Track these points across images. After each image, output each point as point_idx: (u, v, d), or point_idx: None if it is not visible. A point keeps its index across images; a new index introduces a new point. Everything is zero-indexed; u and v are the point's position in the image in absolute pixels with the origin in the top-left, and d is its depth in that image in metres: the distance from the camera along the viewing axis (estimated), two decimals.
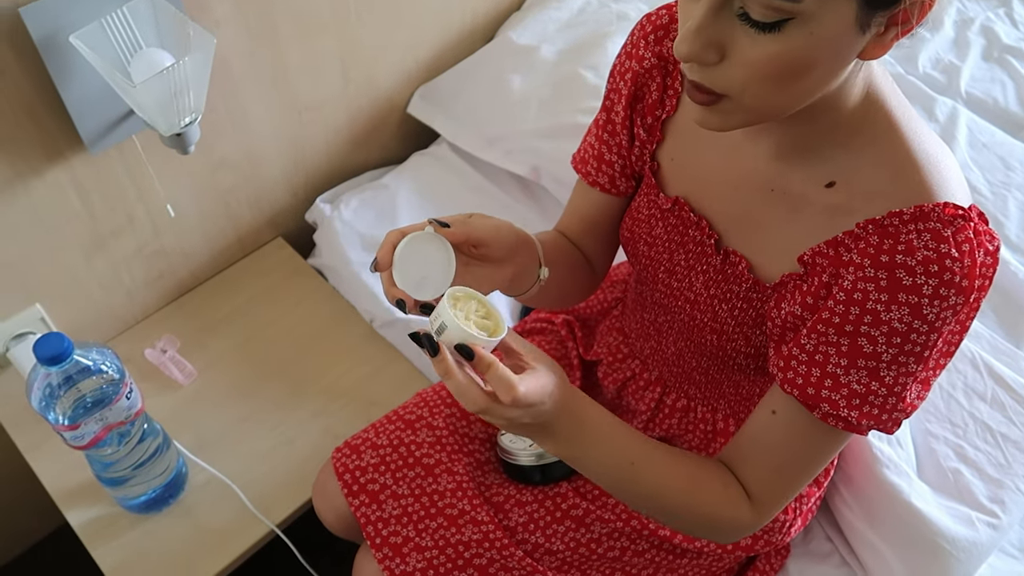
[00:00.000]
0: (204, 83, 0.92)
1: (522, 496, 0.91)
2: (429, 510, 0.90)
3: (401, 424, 0.96)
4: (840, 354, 0.66)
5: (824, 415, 0.68)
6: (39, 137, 0.96)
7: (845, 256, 0.65)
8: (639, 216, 0.83)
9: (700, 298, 0.79)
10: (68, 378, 0.87)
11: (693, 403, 0.92)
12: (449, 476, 0.91)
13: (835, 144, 0.66)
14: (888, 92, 0.65)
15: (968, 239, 0.62)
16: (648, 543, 0.91)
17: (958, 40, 1.54)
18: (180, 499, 1.09)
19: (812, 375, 0.68)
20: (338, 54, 1.22)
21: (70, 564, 1.24)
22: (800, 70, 0.57)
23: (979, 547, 0.94)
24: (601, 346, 1.02)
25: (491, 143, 1.33)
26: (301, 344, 1.25)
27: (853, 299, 0.64)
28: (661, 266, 0.83)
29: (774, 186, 0.71)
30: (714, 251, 0.76)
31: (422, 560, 0.88)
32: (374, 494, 0.92)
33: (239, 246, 1.33)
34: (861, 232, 0.64)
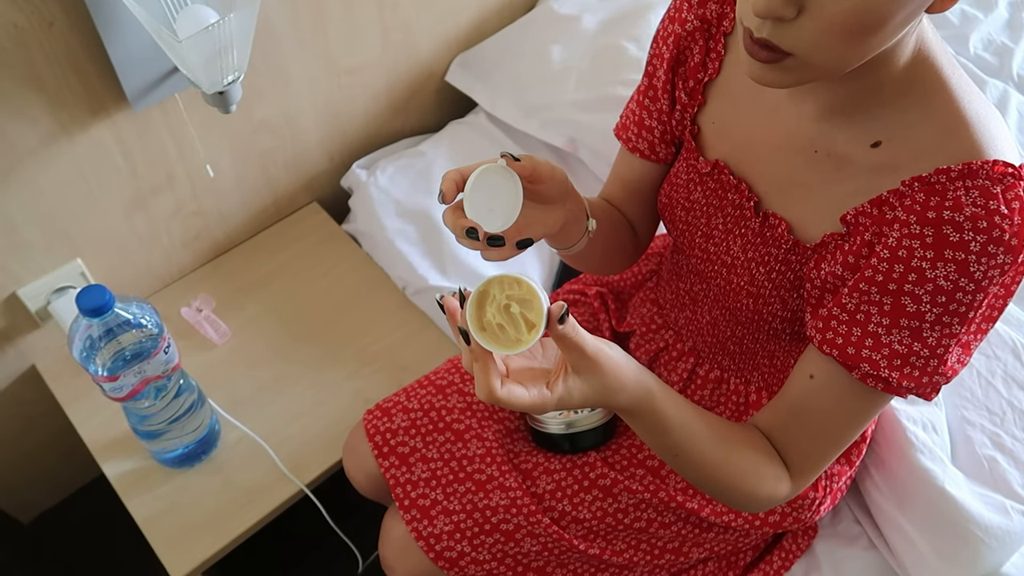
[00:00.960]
0: (248, 41, 0.92)
1: (550, 464, 0.92)
2: (458, 474, 0.91)
3: (432, 389, 0.96)
4: (883, 313, 0.65)
5: (864, 375, 0.67)
6: (84, 92, 0.97)
7: (889, 214, 0.64)
8: (678, 181, 0.83)
9: (737, 262, 0.79)
10: (109, 330, 0.88)
11: (726, 375, 0.92)
12: (479, 442, 0.92)
13: (882, 103, 0.65)
14: (938, 51, 0.64)
15: (1018, 196, 0.61)
16: (675, 515, 0.91)
17: (1012, 21, 1.50)
18: (212, 456, 1.11)
19: (853, 334, 0.67)
20: (379, 19, 1.22)
21: (105, 514, 1.27)
22: (876, 24, 0.55)
23: (1013, 536, 0.93)
24: (635, 317, 1.01)
25: (529, 113, 1.32)
26: (334, 308, 1.26)
27: (898, 256, 0.63)
28: (699, 231, 0.82)
29: (817, 147, 0.70)
30: (753, 214, 0.76)
31: (449, 523, 0.89)
32: (404, 456, 0.93)
33: (275, 209, 1.33)
34: (907, 190, 0.64)
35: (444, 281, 1.20)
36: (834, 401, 0.70)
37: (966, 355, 0.68)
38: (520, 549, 0.89)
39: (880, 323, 0.65)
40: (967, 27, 1.48)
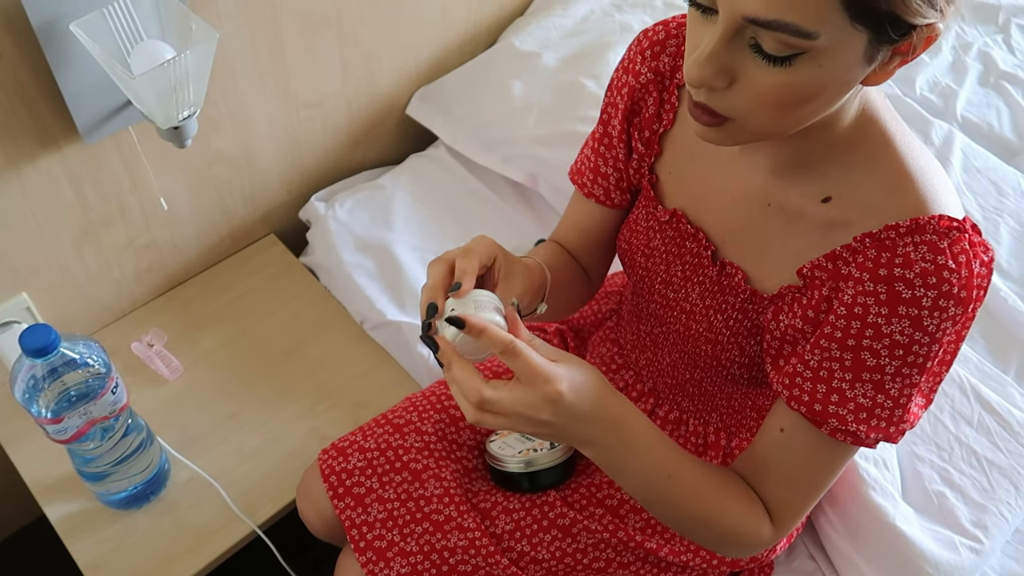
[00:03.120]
0: (205, 77, 0.91)
1: (509, 504, 0.91)
2: (415, 515, 0.90)
3: (389, 428, 0.95)
4: (844, 368, 0.67)
5: (832, 430, 0.68)
6: (34, 125, 0.95)
7: (844, 270, 0.66)
8: (637, 228, 0.84)
9: (696, 308, 0.80)
10: (53, 370, 0.86)
11: (685, 415, 0.93)
12: (436, 481, 0.91)
13: (830, 160, 0.67)
14: (882, 108, 0.66)
15: (964, 250, 0.63)
16: (634, 555, 0.91)
17: (955, 64, 1.56)
18: (161, 496, 1.08)
19: (818, 391, 0.68)
20: (339, 52, 1.22)
21: (46, 557, 1.23)
22: (806, 99, 0.58)
23: (961, 571, 0.94)
24: (594, 356, 1.02)
25: (489, 148, 1.32)
26: (290, 343, 1.24)
27: (854, 313, 0.65)
28: (658, 277, 0.83)
29: (771, 200, 0.72)
30: (711, 262, 0.77)
31: (406, 565, 0.87)
32: (359, 497, 0.91)
33: (231, 241, 1.31)
34: (859, 246, 0.65)
35: (402, 316, 1.19)
36: (805, 453, 0.71)
37: (926, 401, 0.70)
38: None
39: (843, 378, 0.67)
40: (913, 69, 1.54)
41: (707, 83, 0.58)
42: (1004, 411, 1.06)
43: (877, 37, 0.54)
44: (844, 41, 0.54)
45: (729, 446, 0.92)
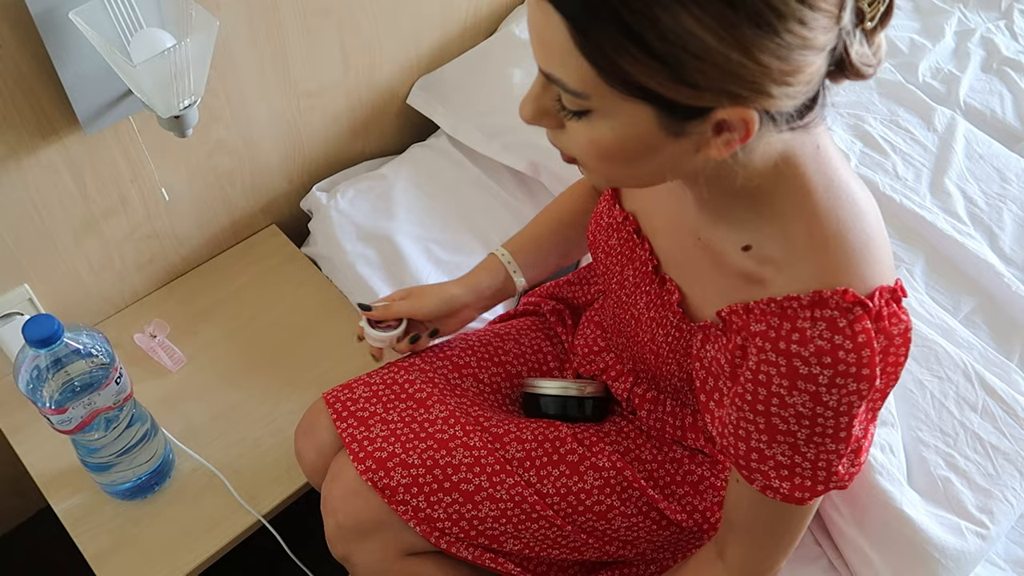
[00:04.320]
0: (205, 66, 0.91)
1: (521, 433, 0.91)
2: (419, 434, 0.89)
3: (394, 368, 0.97)
4: (759, 430, 0.67)
5: (763, 488, 0.69)
6: (33, 115, 0.94)
7: (753, 326, 0.65)
8: (600, 222, 0.84)
9: (643, 317, 0.81)
10: (57, 361, 0.86)
11: (663, 396, 0.93)
12: (442, 406, 0.91)
13: (748, 209, 0.65)
14: (809, 161, 0.62)
15: (865, 329, 0.61)
16: (636, 506, 0.91)
17: (958, 50, 1.55)
18: (166, 486, 1.08)
19: (740, 448, 0.69)
20: (339, 42, 1.21)
21: (52, 548, 1.23)
22: (621, 157, 0.58)
23: (967, 556, 0.94)
24: (578, 338, 1.02)
25: (490, 137, 1.32)
26: (292, 334, 1.24)
27: (759, 380, 0.65)
28: (615, 277, 0.84)
29: (700, 235, 0.71)
30: (653, 275, 0.77)
31: (407, 476, 0.86)
32: (363, 419, 0.91)
33: (232, 232, 1.31)
34: (766, 308, 0.64)
35: None
36: (756, 505, 0.73)
37: (860, 456, 0.69)
38: (477, 513, 0.87)
39: (760, 439, 0.67)
40: (916, 56, 1.53)
41: (532, 122, 0.61)
42: (1008, 398, 1.05)
43: (668, 111, 0.53)
44: (625, 108, 0.54)
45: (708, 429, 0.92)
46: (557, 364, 1.04)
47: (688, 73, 0.51)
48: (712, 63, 0.50)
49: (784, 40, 0.50)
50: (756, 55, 0.50)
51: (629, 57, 0.50)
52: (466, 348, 1.01)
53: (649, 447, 0.93)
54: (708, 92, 0.52)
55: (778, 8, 0.49)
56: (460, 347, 1.01)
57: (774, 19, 0.49)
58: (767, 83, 0.52)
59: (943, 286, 1.22)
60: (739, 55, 0.50)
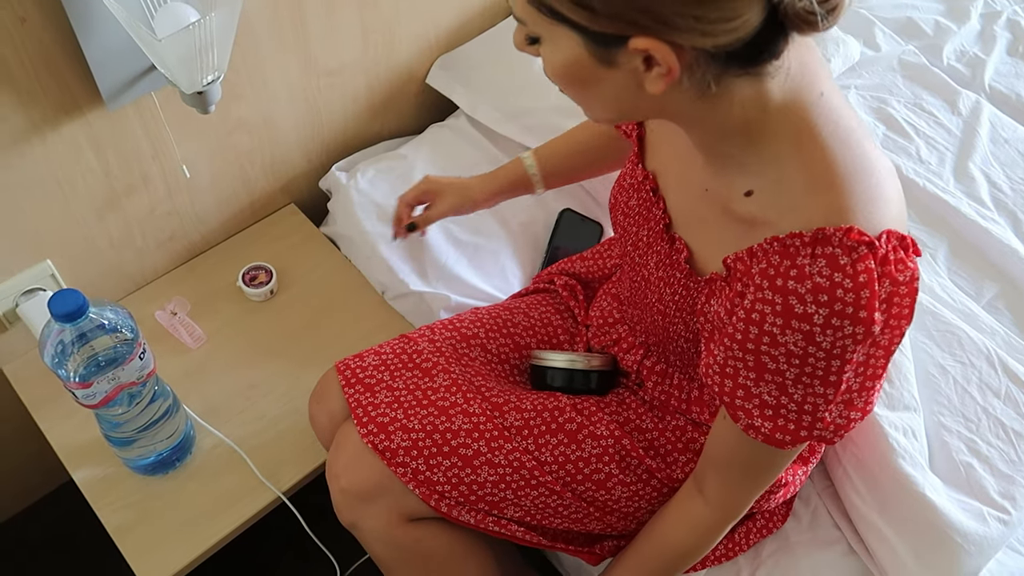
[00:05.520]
0: (229, 41, 0.90)
1: (521, 403, 0.92)
2: (421, 401, 0.91)
3: (404, 340, 0.99)
4: (747, 368, 0.67)
5: (745, 427, 0.70)
6: (57, 90, 0.94)
7: (753, 268, 0.65)
8: (623, 184, 0.86)
9: (653, 277, 0.82)
10: (82, 335, 0.86)
11: (671, 369, 0.93)
12: (445, 375, 0.93)
13: (748, 151, 0.65)
14: (809, 104, 0.63)
15: (868, 269, 0.60)
16: (635, 474, 0.91)
17: (984, 33, 1.53)
18: (187, 462, 1.09)
19: (726, 385, 0.69)
20: (360, 19, 1.20)
21: (74, 522, 1.24)
22: (571, 81, 0.63)
23: (989, 542, 0.94)
24: (594, 310, 1.03)
25: (509, 117, 1.31)
26: (311, 312, 1.24)
27: (752, 319, 0.65)
28: (630, 238, 0.85)
29: (708, 186, 0.72)
30: (664, 233, 0.78)
31: (407, 440, 0.88)
32: (370, 386, 0.94)
33: (251, 211, 1.31)
34: (768, 247, 0.64)
35: (424, 286, 1.19)
36: (737, 444, 0.74)
37: (852, 411, 0.68)
38: (476, 478, 0.88)
39: (747, 376, 0.67)
40: (940, 38, 1.51)
41: (517, 48, 0.66)
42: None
43: (589, 38, 0.58)
44: (557, 33, 0.59)
45: (714, 403, 0.92)
46: (567, 337, 1.05)
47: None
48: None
49: None
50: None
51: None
52: (475, 320, 1.03)
53: (650, 417, 0.94)
54: (608, 18, 0.56)
55: None
56: (470, 319, 1.03)
57: None
58: (666, 15, 0.54)
59: (966, 271, 1.21)
60: None
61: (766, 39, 0.57)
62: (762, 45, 0.57)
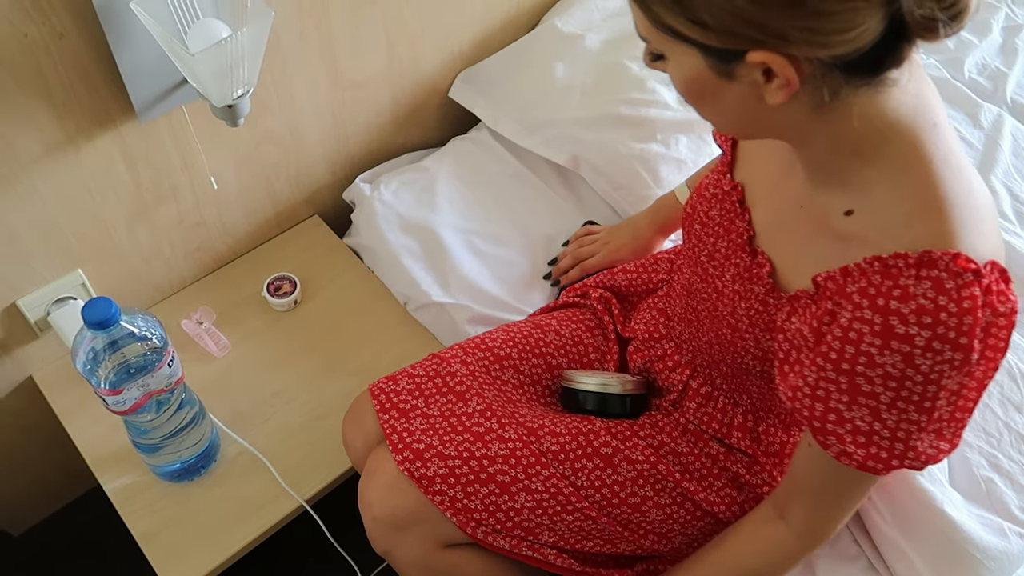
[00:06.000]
0: (259, 56, 0.93)
1: (556, 427, 0.92)
2: (456, 427, 0.91)
3: (437, 360, 0.99)
4: (840, 391, 0.66)
5: (837, 454, 0.69)
6: (91, 103, 0.97)
7: (849, 287, 0.65)
8: (704, 194, 0.85)
9: (727, 290, 0.81)
10: (113, 343, 0.88)
11: (716, 392, 0.93)
12: (479, 399, 0.93)
13: (852, 171, 0.65)
14: (922, 128, 0.63)
15: (973, 296, 0.60)
16: (670, 496, 0.91)
17: (1005, 46, 1.53)
18: (212, 470, 1.10)
19: (816, 409, 0.68)
20: (385, 33, 1.22)
21: (99, 528, 1.26)
22: (694, 95, 0.64)
23: (1010, 558, 0.93)
24: (638, 323, 1.03)
25: (531, 130, 1.33)
26: (334, 323, 1.26)
27: (849, 338, 0.64)
28: (705, 249, 0.84)
29: (803, 202, 0.72)
30: (747, 246, 0.78)
31: (444, 467, 0.88)
32: (404, 411, 0.94)
33: (276, 222, 1.33)
34: (867, 267, 0.64)
35: (446, 297, 1.20)
36: (825, 471, 0.74)
37: (942, 441, 0.67)
38: (513, 504, 0.88)
39: (840, 399, 0.67)
40: (962, 51, 1.51)
41: (647, 66, 0.67)
42: None
43: (708, 53, 0.59)
44: (678, 50, 0.61)
45: (756, 430, 0.92)
46: (598, 356, 1.05)
47: (698, 14, 0.56)
48: (716, 5, 0.55)
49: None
50: (762, 1, 0.54)
51: (659, 2, 0.58)
52: (507, 339, 1.02)
53: (684, 441, 0.94)
54: (721, 34, 0.56)
55: None
56: (502, 338, 1.02)
57: None
58: (780, 28, 0.54)
59: None
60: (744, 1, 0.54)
61: (886, 48, 0.57)
62: (882, 55, 0.57)
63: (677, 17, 0.57)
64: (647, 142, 1.25)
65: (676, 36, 0.59)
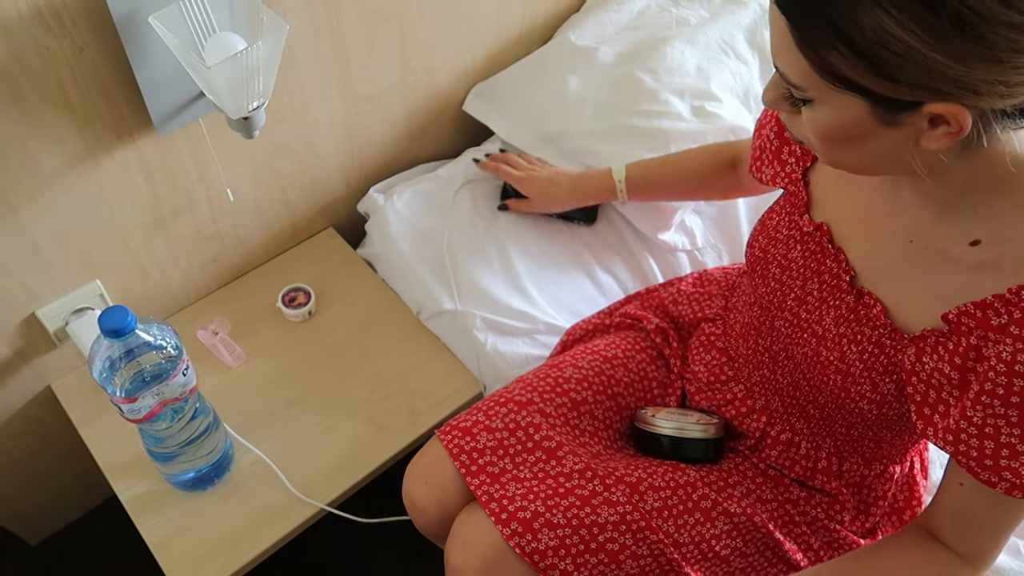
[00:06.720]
0: (274, 68, 0.94)
1: (654, 480, 0.89)
2: (558, 490, 0.86)
3: (513, 406, 0.93)
4: (1011, 424, 0.65)
5: (1010, 488, 0.66)
6: (111, 116, 0.98)
7: (994, 320, 0.64)
8: (777, 236, 0.82)
9: (829, 334, 0.77)
10: (129, 351, 0.89)
11: (798, 437, 0.90)
12: (574, 458, 0.89)
13: (981, 202, 0.65)
14: None
15: None
16: (755, 547, 0.89)
17: None
18: (225, 479, 1.11)
19: (986, 447, 0.66)
20: (399, 46, 1.24)
21: (115, 536, 1.27)
22: (840, 140, 0.63)
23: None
24: (699, 363, 0.99)
25: (545, 142, 1.33)
26: (348, 333, 1.26)
27: (1015, 371, 0.63)
28: (792, 293, 0.81)
29: (913, 237, 0.70)
30: (849, 288, 0.75)
31: (554, 538, 0.83)
32: (495, 476, 0.88)
33: (291, 233, 1.34)
34: (1013, 298, 0.63)
35: (458, 305, 1.20)
36: (989, 503, 0.71)
37: None
38: (619, 572, 0.85)
39: (1011, 433, 0.65)
40: None
41: (769, 106, 0.67)
42: None
43: (876, 103, 0.57)
44: (839, 98, 0.59)
45: (840, 470, 0.90)
46: (661, 391, 1.02)
47: (890, 69, 0.54)
48: (913, 61, 0.53)
49: (990, 43, 0.51)
50: (959, 56, 0.52)
51: (837, 54, 0.56)
52: (580, 379, 0.98)
53: (768, 487, 0.92)
54: (910, 88, 0.55)
55: (981, 13, 0.51)
56: (575, 377, 0.98)
57: (978, 23, 0.51)
58: (974, 82, 0.53)
59: None
60: (941, 55, 0.52)
61: None
62: None
63: (861, 71, 0.55)
64: (661, 153, 1.25)
65: (848, 87, 0.57)
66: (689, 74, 1.33)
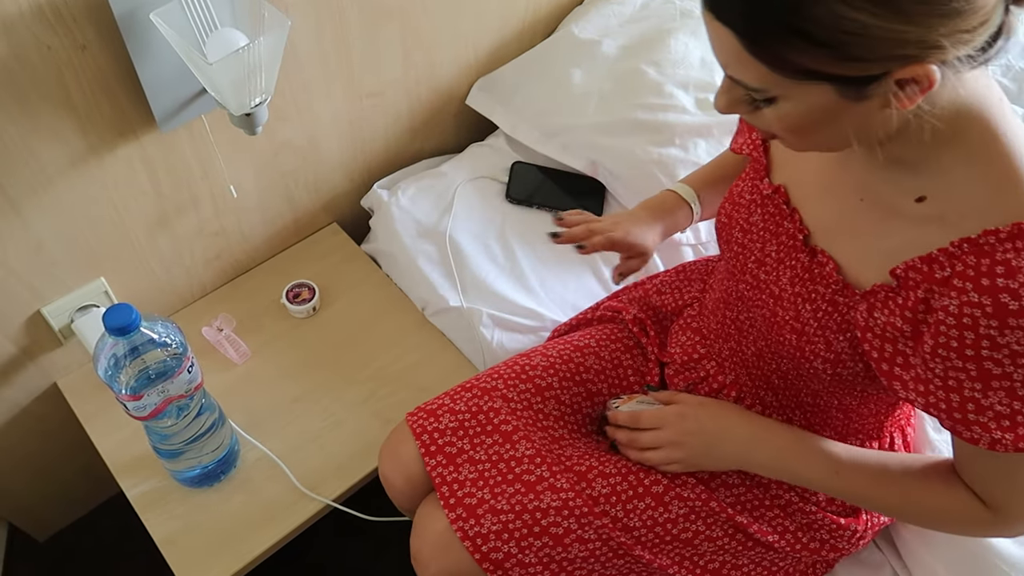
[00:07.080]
0: (276, 65, 0.93)
1: (605, 468, 0.91)
2: (506, 476, 0.90)
3: (478, 391, 0.96)
4: (971, 378, 0.64)
5: (989, 444, 0.66)
6: (113, 114, 0.98)
7: (939, 274, 0.64)
8: (740, 201, 0.84)
9: (785, 294, 0.79)
10: (134, 349, 0.89)
11: (768, 411, 0.91)
12: (527, 443, 0.92)
13: (925, 158, 0.65)
14: (992, 104, 0.63)
15: None
16: (723, 529, 0.90)
17: None
18: (231, 475, 1.11)
19: (953, 401, 0.66)
20: (401, 42, 1.23)
21: (122, 533, 1.27)
22: (810, 128, 0.62)
23: None
24: (675, 345, 1.00)
25: (549, 136, 1.33)
26: (353, 329, 1.26)
27: (963, 324, 0.63)
28: (752, 256, 0.82)
29: (863, 195, 0.71)
30: (802, 247, 0.76)
31: (497, 523, 0.87)
32: (451, 456, 0.92)
33: (295, 229, 1.34)
34: (956, 251, 0.63)
35: (464, 302, 1.20)
36: (986, 459, 0.71)
37: None
38: (567, 555, 0.87)
39: (973, 387, 0.65)
40: None
41: (724, 112, 0.66)
42: None
43: (844, 85, 0.57)
44: (804, 89, 0.58)
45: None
46: (637, 378, 1.03)
47: (853, 51, 0.54)
48: (873, 37, 0.53)
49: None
50: (916, 19, 0.52)
51: (795, 50, 0.56)
52: (548, 366, 1.00)
53: (735, 472, 0.92)
54: (877, 62, 0.55)
55: None
56: (542, 364, 1.00)
57: None
58: (935, 39, 0.53)
59: None
60: (899, 24, 0.52)
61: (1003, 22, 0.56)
62: (999, 32, 0.57)
63: (824, 60, 0.55)
64: (665, 147, 1.25)
65: (813, 77, 0.57)
66: (693, 66, 1.32)
